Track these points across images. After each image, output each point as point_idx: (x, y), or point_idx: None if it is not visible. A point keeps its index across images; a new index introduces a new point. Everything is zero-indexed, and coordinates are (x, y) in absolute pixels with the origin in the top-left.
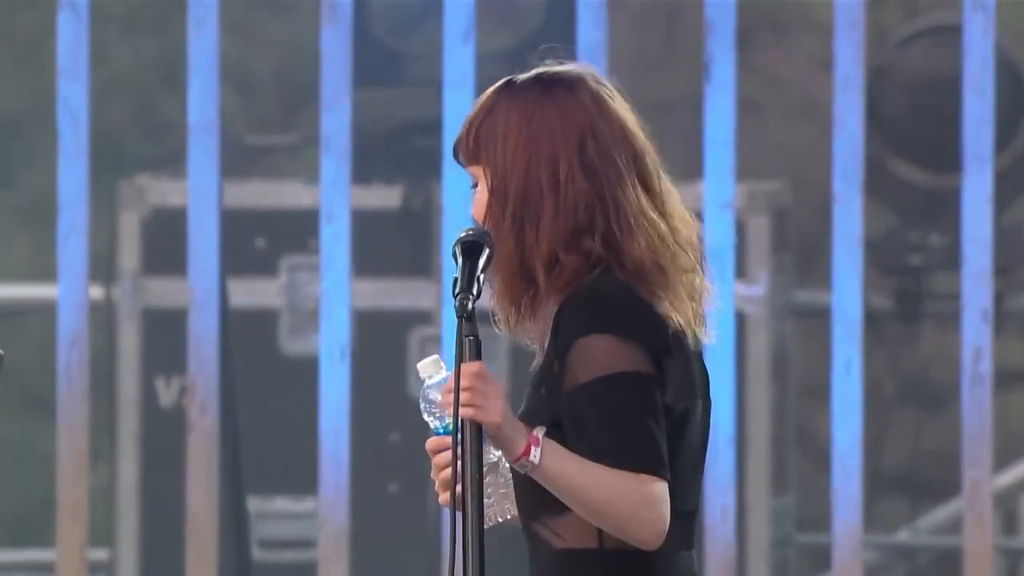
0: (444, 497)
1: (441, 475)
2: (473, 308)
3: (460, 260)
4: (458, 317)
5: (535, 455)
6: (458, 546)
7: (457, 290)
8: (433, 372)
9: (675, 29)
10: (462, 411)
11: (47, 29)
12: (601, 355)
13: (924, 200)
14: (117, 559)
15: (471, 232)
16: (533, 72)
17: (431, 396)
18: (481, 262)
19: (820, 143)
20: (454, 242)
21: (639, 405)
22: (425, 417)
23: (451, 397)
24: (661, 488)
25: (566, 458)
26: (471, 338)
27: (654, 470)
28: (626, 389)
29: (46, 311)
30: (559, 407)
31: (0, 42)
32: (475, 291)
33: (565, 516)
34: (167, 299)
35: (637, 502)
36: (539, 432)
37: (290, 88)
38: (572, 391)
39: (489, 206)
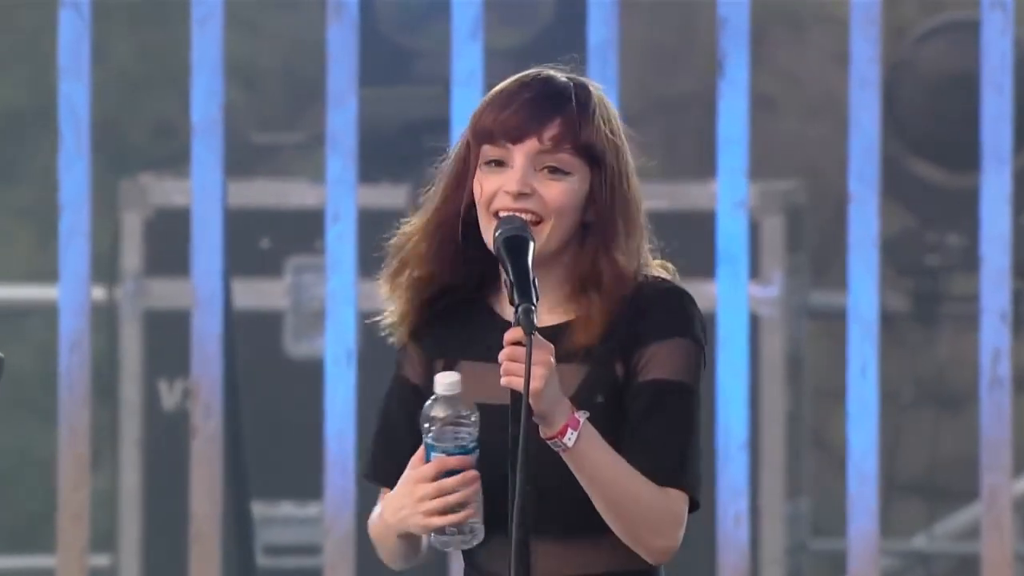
0: (434, 521)
1: (445, 500)
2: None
3: (510, 261)
4: (526, 334)
5: (570, 437)
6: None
7: (515, 299)
8: (454, 390)
9: (688, 25)
10: (505, 380)
11: (48, 26)
12: (683, 361)
13: (941, 199)
14: (119, 565)
15: (509, 225)
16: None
17: (436, 413)
18: (530, 260)
19: (836, 141)
20: (496, 236)
21: (696, 425)
22: (425, 437)
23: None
24: (685, 510)
25: (602, 449)
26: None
27: (693, 492)
28: (692, 405)
29: (47, 313)
30: (616, 392)
31: (1, 39)
32: (536, 298)
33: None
34: (170, 300)
35: (665, 513)
36: (581, 416)
37: (296, 86)
38: (646, 384)
39: (599, 202)
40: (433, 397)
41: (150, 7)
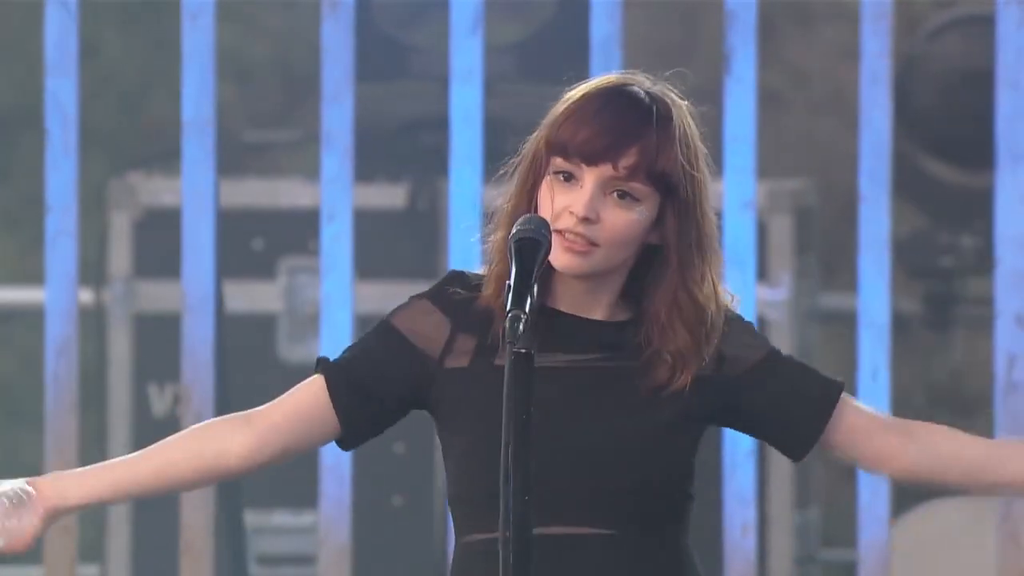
0: None
1: None
2: (525, 329)
3: (515, 264)
4: (508, 343)
5: None
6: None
7: (507, 304)
8: None
9: (694, 20)
10: None
11: (35, 22)
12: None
13: (955, 199)
14: (107, 575)
15: (526, 227)
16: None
17: None
18: (536, 266)
19: (846, 139)
20: (511, 235)
21: None
22: None
23: None
24: None
25: None
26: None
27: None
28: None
29: (33, 316)
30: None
31: None
32: (527, 305)
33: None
34: (160, 303)
35: None
36: None
37: (290, 82)
38: (768, 357)
39: (669, 231)
40: None
41: (140, 2)
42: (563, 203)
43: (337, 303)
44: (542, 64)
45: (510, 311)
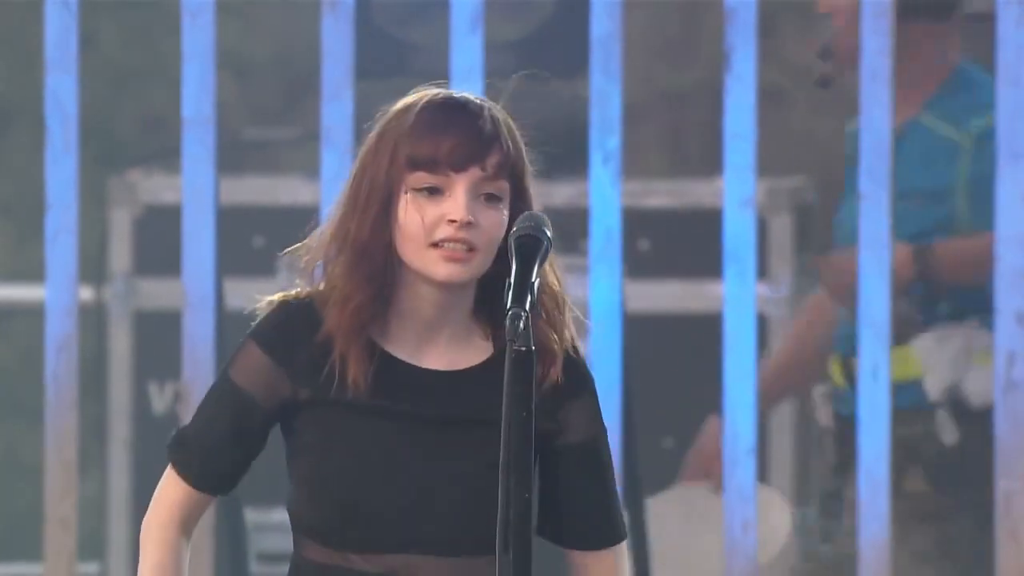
0: None
1: None
2: (527, 327)
3: (516, 263)
4: (508, 340)
5: None
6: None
7: (507, 302)
8: None
9: (693, 17)
10: None
11: (34, 17)
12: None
13: None
14: (108, 573)
15: (526, 224)
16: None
17: None
18: (535, 266)
19: (846, 138)
20: (511, 233)
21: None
22: None
23: None
24: None
25: None
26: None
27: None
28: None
29: (33, 313)
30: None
31: None
32: (528, 305)
33: None
34: (160, 301)
35: None
36: None
37: (289, 79)
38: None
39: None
40: None
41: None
42: (436, 214)
43: None
44: (542, 62)
45: (510, 309)
